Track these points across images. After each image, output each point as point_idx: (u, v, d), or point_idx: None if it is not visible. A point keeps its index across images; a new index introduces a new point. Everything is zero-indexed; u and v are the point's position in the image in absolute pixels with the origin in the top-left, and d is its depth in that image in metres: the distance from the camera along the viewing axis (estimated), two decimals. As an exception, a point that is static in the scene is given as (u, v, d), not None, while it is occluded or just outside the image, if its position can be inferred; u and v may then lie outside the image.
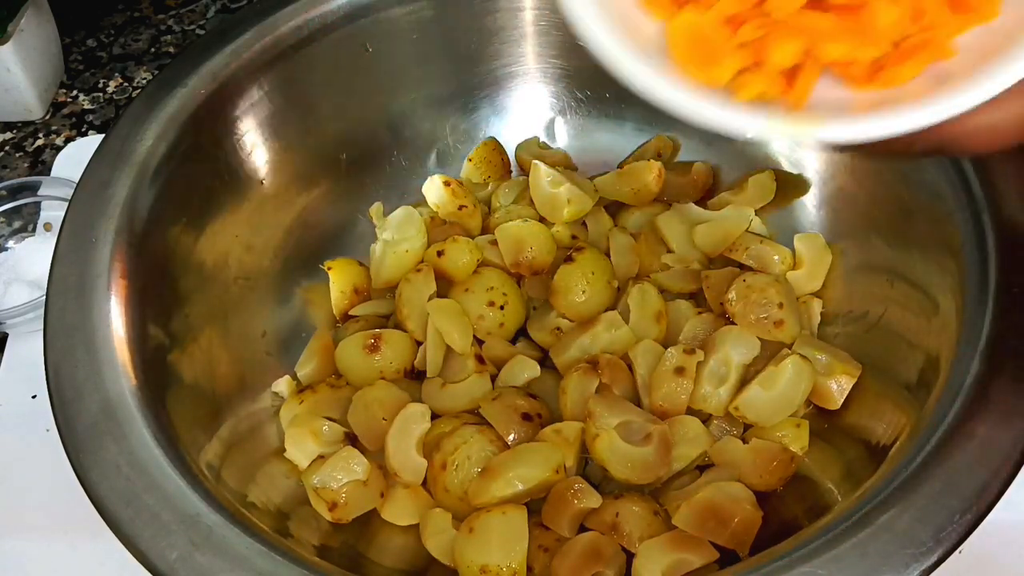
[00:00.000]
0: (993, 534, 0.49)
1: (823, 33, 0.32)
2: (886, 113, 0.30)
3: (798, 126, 0.31)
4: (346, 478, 0.53)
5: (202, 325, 0.57)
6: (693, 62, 0.33)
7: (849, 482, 0.48)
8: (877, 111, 0.30)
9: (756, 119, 0.31)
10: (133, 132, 0.56)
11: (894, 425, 0.48)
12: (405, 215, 0.65)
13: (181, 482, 0.45)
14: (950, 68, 0.31)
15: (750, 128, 0.31)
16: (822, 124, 0.31)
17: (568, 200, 0.63)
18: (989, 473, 0.40)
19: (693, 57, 0.33)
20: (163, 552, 0.42)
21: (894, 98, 0.31)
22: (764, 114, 0.32)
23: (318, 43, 0.62)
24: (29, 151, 0.82)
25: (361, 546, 0.53)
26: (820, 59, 0.32)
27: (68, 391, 0.47)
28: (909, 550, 0.39)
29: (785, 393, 0.53)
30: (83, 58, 0.89)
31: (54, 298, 0.51)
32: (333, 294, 0.64)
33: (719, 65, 0.33)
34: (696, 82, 0.33)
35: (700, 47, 0.33)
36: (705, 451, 0.53)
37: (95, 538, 0.46)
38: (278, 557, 0.43)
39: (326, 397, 0.58)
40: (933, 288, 0.50)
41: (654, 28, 0.34)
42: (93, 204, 0.54)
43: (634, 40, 0.33)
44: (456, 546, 0.50)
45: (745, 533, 0.48)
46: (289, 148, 0.64)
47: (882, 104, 0.31)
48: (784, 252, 0.61)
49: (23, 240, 0.74)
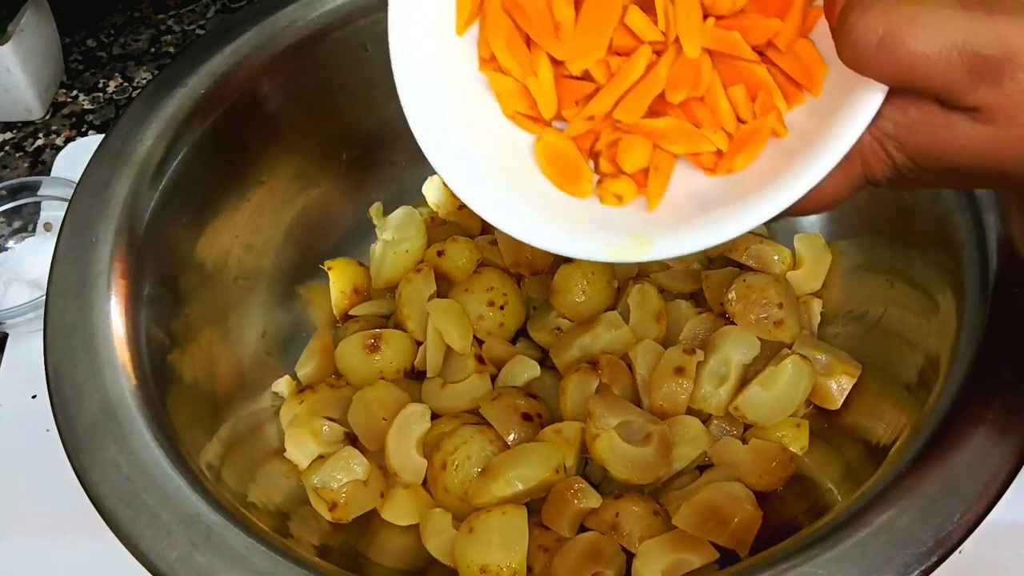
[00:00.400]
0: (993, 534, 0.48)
1: (663, 135, 0.36)
2: (732, 215, 0.33)
3: (634, 251, 0.34)
4: (346, 478, 0.53)
5: (202, 325, 0.57)
6: (561, 180, 0.37)
7: (849, 482, 0.48)
8: (721, 216, 0.33)
9: (596, 247, 0.35)
10: (133, 132, 0.56)
11: (894, 425, 0.48)
12: (405, 215, 0.65)
13: (181, 482, 0.45)
14: (785, 149, 0.34)
15: (593, 255, 0.35)
16: (655, 244, 0.34)
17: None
18: (989, 473, 0.40)
19: (559, 176, 0.37)
20: (163, 552, 0.42)
21: (743, 190, 0.34)
22: (620, 224, 0.36)
23: (318, 43, 0.62)
24: (29, 151, 0.82)
25: (361, 546, 0.53)
26: (667, 157, 0.36)
27: (68, 391, 0.47)
28: (909, 550, 0.39)
29: (785, 393, 0.53)
30: (83, 58, 0.89)
31: (54, 298, 0.51)
32: (333, 294, 0.64)
33: (580, 180, 0.37)
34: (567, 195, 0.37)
35: (563, 165, 0.37)
36: (705, 451, 0.53)
37: (95, 538, 0.46)
38: (278, 557, 0.43)
39: (326, 397, 0.58)
40: (933, 288, 0.50)
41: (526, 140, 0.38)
42: (93, 204, 0.54)
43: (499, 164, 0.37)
44: (456, 546, 0.50)
45: (745, 533, 0.48)
46: (289, 148, 0.64)
47: (732, 196, 0.34)
48: (784, 252, 0.61)
49: (23, 240, 0.74)
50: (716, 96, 0.35)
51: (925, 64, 0.28)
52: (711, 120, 0.36)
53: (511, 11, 0.38)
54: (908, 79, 0.29)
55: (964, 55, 0.28)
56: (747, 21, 0.35)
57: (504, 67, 0.38)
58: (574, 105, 0.38)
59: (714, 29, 0.35)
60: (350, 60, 0.64)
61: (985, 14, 0.28)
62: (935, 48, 0.28)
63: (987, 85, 0.28)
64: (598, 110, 0.37)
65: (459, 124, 0.38)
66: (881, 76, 0.30)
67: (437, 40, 0.39)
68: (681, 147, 0.36)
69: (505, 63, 0.38)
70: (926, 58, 0.28)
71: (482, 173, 0.37)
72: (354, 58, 0.64)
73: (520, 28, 0.38)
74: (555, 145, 0.38)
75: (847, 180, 0.32)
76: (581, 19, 0.37)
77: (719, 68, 0.36)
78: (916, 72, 0.28)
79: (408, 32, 0.38)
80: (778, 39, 0.34)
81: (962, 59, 0.28)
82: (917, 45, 0.28)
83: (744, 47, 0.35)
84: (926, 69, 0.28)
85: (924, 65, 0.28)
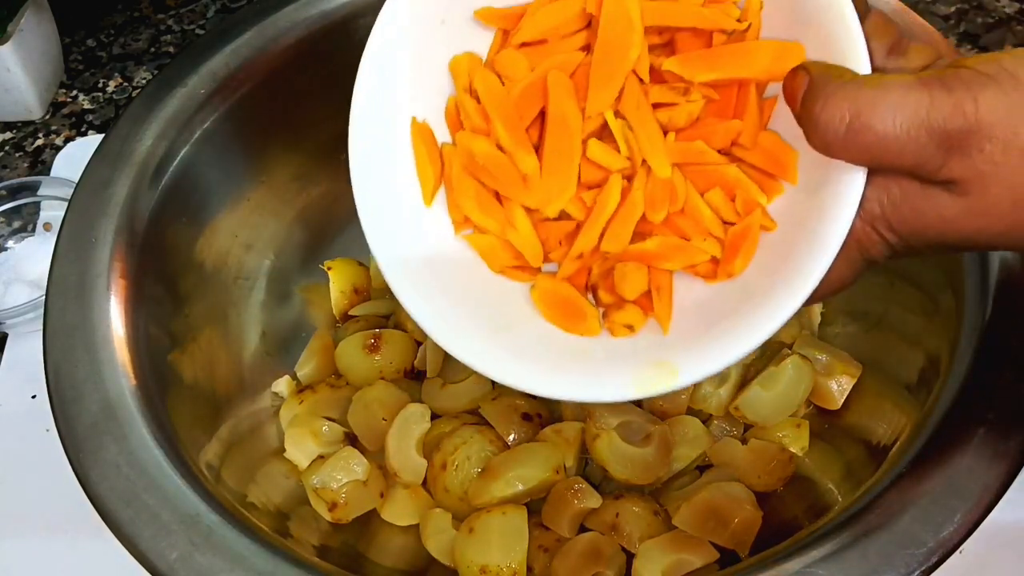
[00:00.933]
0: (994, 534, 0.49)
1: (656, 256, 0.36)
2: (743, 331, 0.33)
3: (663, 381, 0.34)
4: (346, 478, 0.53)
5: (202, 325, 0.57)
6: (566, 323, 0.37)
7: (849, 482, 0.48)
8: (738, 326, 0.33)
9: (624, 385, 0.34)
10: (133, 132, 0.56)
11: (894, 425, 0.48)
12: (405, 215, 0.64)
13: (181, 482, 0.45)
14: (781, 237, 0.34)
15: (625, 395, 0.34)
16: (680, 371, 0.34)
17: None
18: (989, 473, 0.40)
19: (563, 319, 0.37)
20: (163, 552, 0.42)
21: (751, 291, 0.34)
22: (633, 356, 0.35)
23: (318, 43, 0.62)
24: (29, 151, 0.82)
25: (361, 546, 0.53)
26: (665, 276, 0.36)
27: (68, 391, 0.47)
28: (909, 550, 0.39)
29: (785, 393, 0.53)
30: (83, 58, 0.89)
31: (54, 298, 0.51)
32: (333, 294, 0.64)
33: (585, 319, 0.37)
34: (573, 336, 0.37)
35: (565, 308, 0.37)
36: (705, 451, 0.53)
37: (95, 538, 0.46)
38: (278, 557, 0.43)
39: (326, 397, 0.58)
40: (933, 288, 0.50)
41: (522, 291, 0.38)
42: (93, 204, 0.54)
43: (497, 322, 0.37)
44: (456, 546, 0.50)
45: (745, 533, 0.48)
46: (289, 148, 0.64)
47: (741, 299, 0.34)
48: (784, 252, 0.61)
49: (23, 240, 0.74)
50: (696, 206, 0.35)
51: (895, 144, 0.29)
52: (698, 229, 0.36)
53: (475, 173, 0.38)
54: (881, 160, 0.30)
55: (930, 132, 0.28)
56: (706, 128, 0.35)
57: (480, 226, 0.38)
58: (558, 245, 0.38)
59: (677, 143, 0.35)
60: (350, 60, 0.64)
61: (945, 91, 0.28)
62: (902, 128, 0.28)
63: (957, 158, 0.29)
64: (585, 247, 0.36)
65: (449, 290, 0.38)
66: (854, 159, 0.30)
67: (407, 212, 0.39)
68: (676, 263, 0.36)
69: (480, 222, 0.38)
70: (895, 139, 0.29)
71: (487, 335, 0.37)
72: (354, 58, 0.63)
73: (487, 186, 0.38)
74: (551, 290, 0.38)
75: (849, 265, 0.33)
76: (545, 164, 0.37)
77: (691, 178, 0.36)
78: (887, 152, 0.29)
79: (378, 212, 0.38)
80: (741, 138, 0.35)
81: (929, 135, 0.28)
82: (884, 127, 0.29)
83: (711, 153, 0.35)
84: (896, 149, 0.29)
85: (894, 145, 0.29)
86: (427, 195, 0.39)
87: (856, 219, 0.31)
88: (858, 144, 0.29)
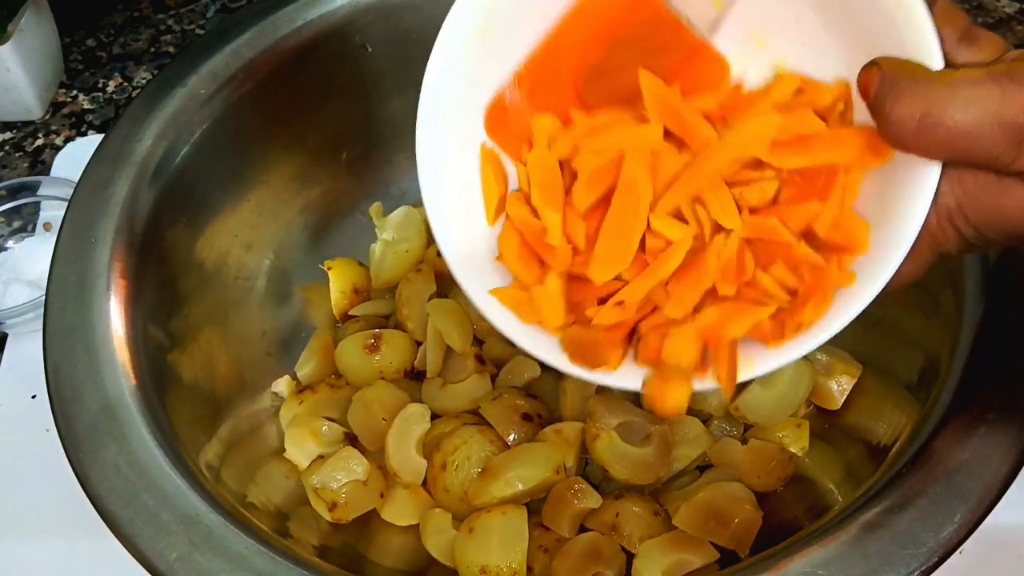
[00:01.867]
0: (994, 534, 0.48)
1: (716, 324, 0.35)
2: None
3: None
4: (346, 478, 0.53)
5: (202, 325, 0.57)
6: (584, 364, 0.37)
7: (849, 482, 0.48)
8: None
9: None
10: (133, 132, 0.56)
11: (894, 425, 0.48)
12: (405, 215, 0.64)
13: (181, 482, 0.45)
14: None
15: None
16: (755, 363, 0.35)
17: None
18: (990, 473, 0.40)
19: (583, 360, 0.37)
20: (163, 552, 0.42)
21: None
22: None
23: (318, 43, 0.62)
24: (29, 151, 0.82)
25: (361, 546, 0.53)
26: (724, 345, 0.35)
27: (68, 391, 0.47)
28: (909, 550, 0.39)
29: (785, 393, 0.53)
30: (83, 58, 0.89)
31: (54, 298, 0.51)
32: (333, 294, 0.64)
33: (606, 362, 0.37)
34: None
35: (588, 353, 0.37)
36: (705, 452, 0.53)
37: (95, 538, 0.46)
38: (278, 557, 0.43)
39: (326, 397, 0.58)
40: (934, 288, 0.50)
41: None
42: (93, 204, 0.54)
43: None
44: (456, 546, 0.50)
45: (745, 533, 0.48)
46: (289, 148, 0.64)
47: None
48: (784, 252, 0.61)
49: (23, 240, 0.74)
50: (760, 279, 0.35)
51: (967, 138, 0.29)
52: (761, 298, 0.35)
53: (521, 229, 0.39)
54: (954, 155, 0.30)
55: (1003, 127, 0.29)
56: (782, 211, 0.35)
57: (514, 273, 0.39)
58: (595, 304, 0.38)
59: (751, 218, 0.35)
60: (350, 60, 0.64)
61: (1015, 85, 0.29)
62: (974, 122, 0.29)
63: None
64: (630, 297, 0.36)
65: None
66: (926, 154, 0.31)
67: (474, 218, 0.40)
68: (741, 328, 0.35)
69: (516, 271, 0.39)
70: (967, 134, 0.29)
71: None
72: (354, 58, 0.64)
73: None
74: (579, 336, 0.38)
75: (919, 259, 0.33)
76: (605, 230, 0.36)
77: (757, 253, 0.35)
78: (960, 147, 0.30)
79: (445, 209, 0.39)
80: (818, 222, 0.34)
81: (1002, 131, 0.29)
82: (955, 122, 0.29)
83: (783, 231, 0.34)
84: (968, 144, 0.29)
85: (966, 141, 0.29)
86: (490, 216, 0.40)
87: (931, 213, 0.31)
88: (930, 140, 0.30)
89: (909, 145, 0.31)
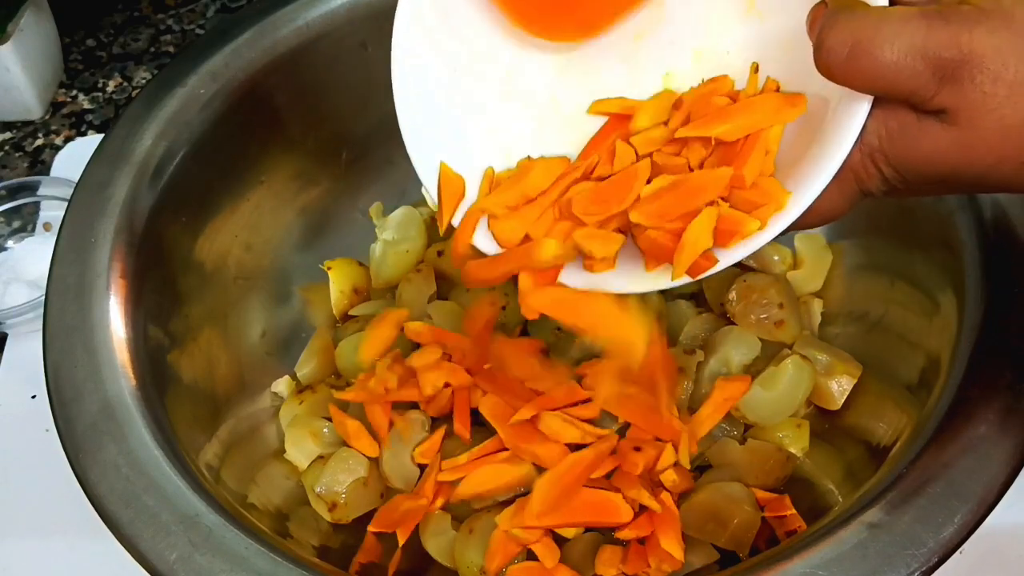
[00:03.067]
0: (994, 535, 0.48)
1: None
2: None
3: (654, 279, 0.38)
4: (346, 478, 0.53)
5: (202, 325, 0.57)
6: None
7: (850, 483, 0.48)
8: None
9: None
10: (132, 132, 0.56)
11: (895, 425, 0.48)
12: (405, 215, 0.64)
13: (181, 483, 0.45)
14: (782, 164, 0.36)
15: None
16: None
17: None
18: (990, 474, 0.40)
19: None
20: (162, 553, 0.42)
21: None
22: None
23: (318, 42, 0.62)
24: (28, 151, 0.82)
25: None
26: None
27: (68, 391, 0.47)
28: (909, 551, 0.39)
29: (786, 393, 0.53)
30: (82, 58, 0.89)
31: (53, 298, 0.50)
32: (333, 294, 0.64)
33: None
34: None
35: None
36: (703, 452, 0.53)
37: (95, 538, 0.46)
38: (278, 558, 0.43)
39: (326, 397, 0.58)
40: (934, 288, 0.50)
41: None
42: (93, 204, 0.54)
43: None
44: (456, 546, 0.50)
45: (745, 534, 0.48)
46: (289, 148, 0.64)
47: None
48: (784, 252, 0.61)
49: (23, 240, 0.74)
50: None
51: (892, 70, 0.30)
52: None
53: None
54: (878, 85, 0.31)
55: (926, 59, 0.30)
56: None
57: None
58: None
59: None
60: (350, 59, 0.64)
61: (943, 21, 0.30)
62: (899, 55, 0.30)
63: (949, 87, 0.30)
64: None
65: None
66: (854, 84, 0.32)
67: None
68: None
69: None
70: (893, 64, 0.30)
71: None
72: (354, 57, 0.64)
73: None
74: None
75: (843, 195, 0.35)
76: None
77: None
78: (884, 77, 0.31)
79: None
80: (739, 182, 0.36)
81: (925, 63, 0.30)
82: (883, 53, 0.30)
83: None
84: (893, 74, 0.31)
85: (891, 71, 0.30)
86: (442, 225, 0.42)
87: (855, 150, 0.33)
88: (857, 69, 0.31)
89: (838, 74, 0.32)
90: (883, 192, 0.34)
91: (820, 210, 0.35)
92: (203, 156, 0.58)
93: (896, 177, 0.33)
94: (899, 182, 0.33)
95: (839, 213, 0.35)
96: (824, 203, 0.34)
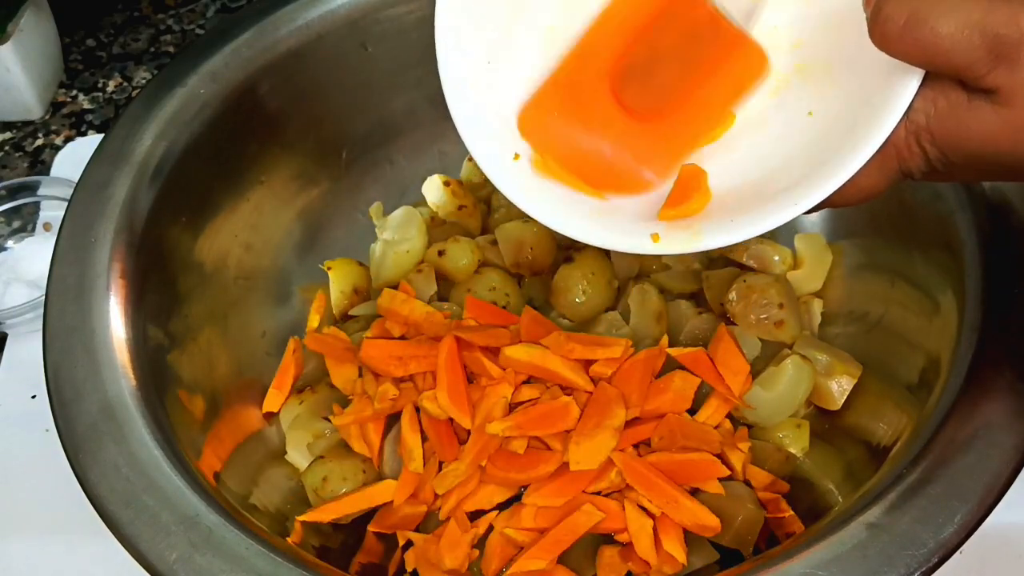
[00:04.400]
0: (994, 535, 0.48)
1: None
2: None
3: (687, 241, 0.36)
4: (346, 480, 0.53)
5: (202, 325, 0.57)
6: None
7: (850, 483, 0.48)
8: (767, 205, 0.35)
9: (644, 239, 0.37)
10: (132, 132, 0.56)
11: (895, 426, 0.48)
12: (405, 215, 0.64)
13: (181, 483, 0.45)
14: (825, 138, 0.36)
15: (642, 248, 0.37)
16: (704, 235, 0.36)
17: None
18: (990, 474, 0.40)
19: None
20: (162, 553, 0.42)
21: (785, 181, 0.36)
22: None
23: (318, 43, 0.62)
24: (28, 151, 0.82)
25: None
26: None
27: (67, 391, 0.47)
28: (910, 551, 0.39)
29: (786, 393, 0.53)
30: (82, 58, 0.89)
31: (53, 298, 0.50)
32: (333, 294, 0.64)
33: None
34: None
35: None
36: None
37: (95, 538, 0.46)
38: (278, 558, 0.43)
39: (326, 397, 0.58)
40: (934, 288, 0.50)
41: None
42: (92, 204, 0.54)
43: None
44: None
45: (749, 532, 0.48)
46: (289, 148, 0.64)
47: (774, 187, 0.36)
48: (784, 252, 0.61)
49: (23, 240, 0.74)
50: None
51: (947, 43, 0.30)
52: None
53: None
54: (932, 58, 0.31)
55: (983, 35, 0.30)
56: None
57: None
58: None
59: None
60: (350, 60, 0.64)
61: (1004, 1, 0.30)
62: (956, 27, 0.30)
63: (1004, 66, 0.30)
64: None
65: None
66: (907, 56, 0.31)
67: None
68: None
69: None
70: (948, 37, 0.30)
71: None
72: (354, 58, 0.64)
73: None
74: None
75: (883, 174, 0.34)
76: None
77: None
78: (939, 51, 0.30)
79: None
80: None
81: (982, 38, 0.30)
82: (939, 25, 0.30)
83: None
84: (948, 48, 0.30)
85: (947, 44, 0.30)
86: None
87: (901, 127, 0.33)
88: (913, 39, 0.31)
89: (893, 44, 0.31)
90: (923, 174, 0.34)
91: (859, 184, 0.34)
92: (203, 156, 0.58)
93: (940, 158, 0.33)
94: (941, 163, 0.33)
95: (876, 192, 0.35)
96: (864, 179, 0.34)
